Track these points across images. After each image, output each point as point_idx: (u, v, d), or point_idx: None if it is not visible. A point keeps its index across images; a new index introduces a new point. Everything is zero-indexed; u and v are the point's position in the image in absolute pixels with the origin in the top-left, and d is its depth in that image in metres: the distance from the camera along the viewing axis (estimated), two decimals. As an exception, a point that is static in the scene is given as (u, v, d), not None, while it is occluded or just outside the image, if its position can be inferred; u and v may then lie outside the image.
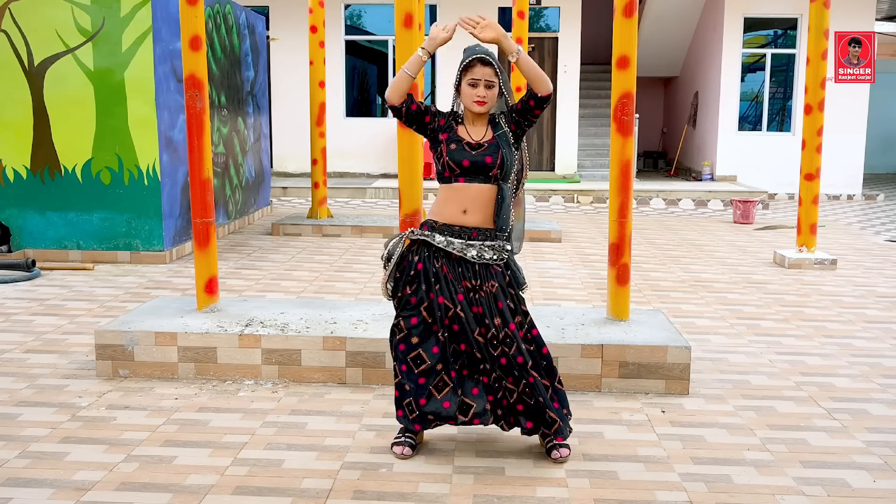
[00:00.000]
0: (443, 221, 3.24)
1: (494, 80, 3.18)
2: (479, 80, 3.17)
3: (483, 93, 3.18)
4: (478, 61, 3.18)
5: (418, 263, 3.23)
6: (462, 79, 3.21)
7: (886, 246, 9.01)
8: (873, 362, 4.69)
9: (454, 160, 3.19)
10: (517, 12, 7.44)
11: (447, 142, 3.22)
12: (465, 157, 3.18)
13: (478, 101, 3.19)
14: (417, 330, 3.22)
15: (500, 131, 3.24)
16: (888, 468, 3.26)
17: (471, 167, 3.18)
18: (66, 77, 7.01)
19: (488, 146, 3.19)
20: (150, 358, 4.26)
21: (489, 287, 3.21)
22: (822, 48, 7.25)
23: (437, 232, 3.24)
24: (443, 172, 3.24)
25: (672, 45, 16.15)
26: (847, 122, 13.88)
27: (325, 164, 9.54)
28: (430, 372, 3.23)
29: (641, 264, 7.54)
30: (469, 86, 3.19)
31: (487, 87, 3.18)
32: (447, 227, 3.23)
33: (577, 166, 14.66)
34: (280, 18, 14.25)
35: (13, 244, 7.24)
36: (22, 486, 3.02)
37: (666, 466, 3.25)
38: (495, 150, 3.19)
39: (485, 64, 3.17)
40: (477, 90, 3.18)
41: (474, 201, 3.21)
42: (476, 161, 3.18)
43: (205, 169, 4.68)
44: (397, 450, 3.32)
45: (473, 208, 3.21)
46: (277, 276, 6.87)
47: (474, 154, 3.18)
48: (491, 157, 3.18)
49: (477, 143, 3.20)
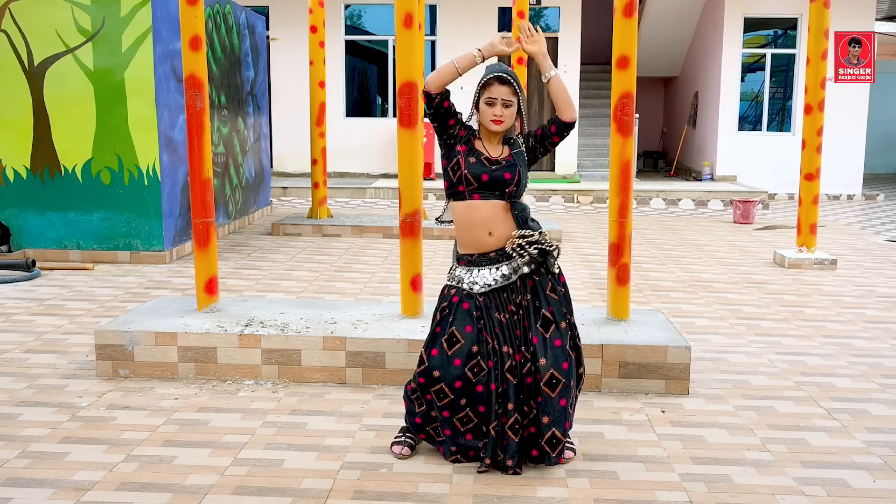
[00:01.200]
0: (477, 252, 3.21)
1: (512, 99, 3.16)
2: (496, 100, 3.15)
3: (500, 112, 3.15)
4: (496, 80, 3.14)
5: (464, 303, 3.19)
6: (480, 96, 3.19)
7: (886, 246, 9.01)
8: (873, 362, 4.69)
9: (473, 174, 3.16)
10: (517, 12, 7.43)
11: (466, 154, 3.19)
12: (484, 172, 3.16)
13: (495, 120, 3.16)
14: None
15: (516, 150, 3.24)
16: (888, 468, 3.26)
17: (489, 182, 3.16)
18: (66, 77, 7.01)
19: (506, 163, 3.19)
20: (150, 358, 4.26)
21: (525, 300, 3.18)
22: (822, 48, 7.25)
23: (475, 266, 3.20)
24: (457, 186, 3.21)
25: (672, 45, 16.15)
26: (847, 122, 13.89)
27: (325, 164, 9.54)
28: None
29: (641, 264, 7.54)
30: (486, 104, 3.17)
31: (505, 107, 3.15)
32: (483, 256, 3.20)
33: (577, 166, 14.66)
34: (280, 18, 14.25)
35: (13, 244, 7.25)
36: (22, 486, 3.02)
37: (666, 466, 3.25)
38: (513, 167, 3.18)
39: (503, 83, 3.14)
40: (494, 109, 3.15)
41: (495, 221, 3.18)
42: (495, 176, 3.16)
43: (205, 169, 4.68)
44: (396, 449, 3.32)
45: (496, 228, 3.18)
46: (277, 276, 6.87)
47: (493, 169, 3.17)
48: (509, 173, 3.17)
49: (496, 160, 3.19)
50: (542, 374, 3.10)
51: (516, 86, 3.15)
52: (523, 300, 3.18)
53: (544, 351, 3.12)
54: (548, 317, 3.16)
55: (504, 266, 3.19)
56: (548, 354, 3.12)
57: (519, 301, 3.18)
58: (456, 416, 3.18)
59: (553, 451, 3.15)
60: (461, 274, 3.24)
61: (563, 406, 3.14)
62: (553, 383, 3.11)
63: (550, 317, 3.16)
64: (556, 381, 3.11)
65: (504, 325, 3.15)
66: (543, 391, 3.11)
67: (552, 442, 3.14)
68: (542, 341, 3.13)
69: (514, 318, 3.17)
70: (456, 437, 3.21)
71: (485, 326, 3.14)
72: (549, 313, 3.16)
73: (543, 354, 3.12)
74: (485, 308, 3.16)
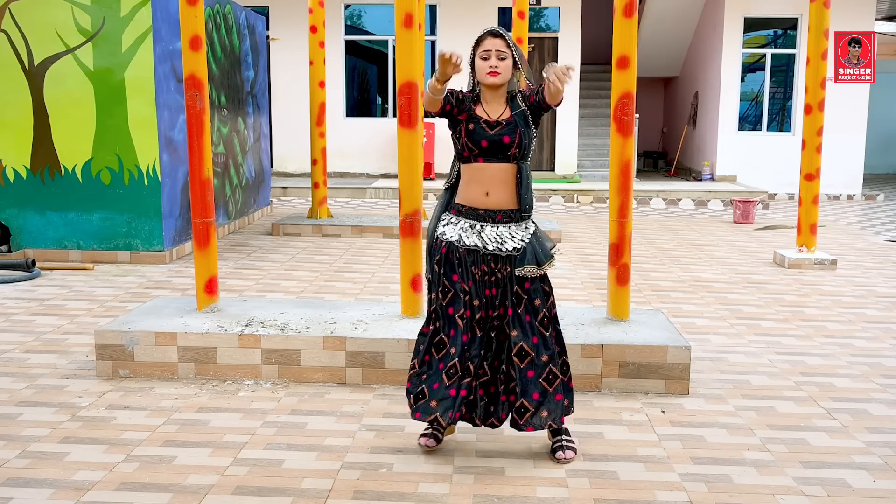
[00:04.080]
0: (468, 205, 3.25)
1: (506, 50, 3.18)
2: (490, 52, 3.18)
3: (495, 63, 3.17)
4: (489, 34, 3.20)
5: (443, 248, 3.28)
6: (476, 53, 3.22)
7: (886, 246, 9.01)
8: (873, 362, 4.69)
9: (472, 140, 3.18)
10: (517, 12, 7.43)
11: (466, 122, 3.21)
12: (483, 138, 3.18)
13: (491, 72, 3.17)
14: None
15: (517, 109, 3.24)
16: (888, 468, 3.26)
17: (489, 147, 3.18)
18: (66, 77, 7.01)
19: (506, 125, 3.19)
20: (150, 358, 4.26)
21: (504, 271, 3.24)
22: (822, 48, 7.25)
23: (462, 217, 3.26)
24: (462, 152, 3.25)
25: (672, 45, 16.15)
26: (847, 122, 13.89)
27: (325, 164, 9.54)
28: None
29: (641, 264, 7.54)
30: (482, 59, 3.20)
31: (500, 59, 3.18)
32: (472, 210, 3.24)
33: (577, 166, 14.66)
34: (280, 18, 14.25)
35: (13, 244, 7.25)
36: (22, 486, 3.02)
37: (666, 466, 3.25)
38: (513, 130, 3.18)
39: (495, 36, 3.19)
40: (489, 62, 3.18)
41: (495, 182, 3.20)
42: (494, 141, 3.17)
43: (205, 169, 4.68)
44: (423, 441, 3.37)
45: (495, 190, 3.21)
46: (277, 276, 6.87)
47: (492, 133, 3.18)
48: (509, 136, 3.17)
49: (495, 122, 3.19)
50: (513, 345, 3.20)
51: (509, 40, 3.19)
52: (502, 269, 3.23)
53: (516, 323, 3.21)
54: (520, 293, 3.22)
55: (487, 227, 3.22)
56: (518, 327, 3.20)
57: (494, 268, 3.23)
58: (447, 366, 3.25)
59: (521, 419, 3.22)
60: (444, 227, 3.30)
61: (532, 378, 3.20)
62: (522, 355, 3.20)
63: (523, 293, 3.22)
64: (524, 354, 3.20)
65: (476, 280, 3.23)
66: (514, 360, 3.21)
67: (520, 410, 3.22)
68: (515, 314, 3.21)
69: (488, 277, 3.23)
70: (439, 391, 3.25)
71: (462, 277, 3.23)
72: (521, 290, 3.22)
73: (515, 327, 3.20)
74: (464, 260, 3.24)
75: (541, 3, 14.31)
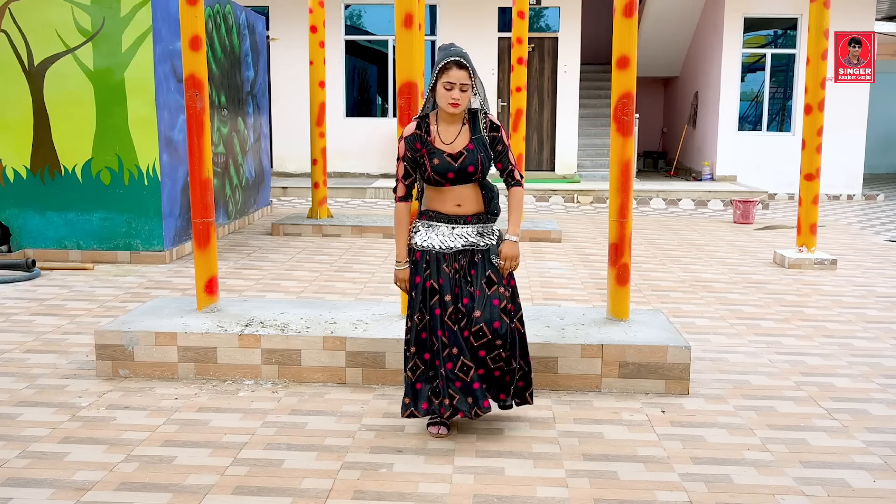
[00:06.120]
0: (440, 211, 3.43)
1: (468, 82, 3.32)
2: (454, 84, 3.31)
3: (458, 95, 3.33)
4: (454, 64, 3.31)
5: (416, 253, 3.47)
6: (438, 80, 3.34)
7: (886, 246, 9.01)
8: (873, 362, 4.69)
9: (439, 173, 3.38)
10: (517, 12, 7.44)
11: (429, 156, 3.38)
12: (449, 170, 3.37)
13: (452, 104, 3.34)
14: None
15: (476, 135, 3.42)
16: (888, 468, 3.26)
17: (455, 177, 3.38)
18: (66, 77, 7.01)
19: (468, 154, 3.38)
20: (150, 358, 4.26)
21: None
22: (822, 48, 7.25)
23: (434, 220, 3.43)
24: (429, 181, 3.43)
25: (672, 45, 16.15)
26: (847, 122, 13.88)
27: (325, 164, 9.53)
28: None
29: (641, 264, 7.54)
30: (445, 89, 3.33)
31: (462, 91, 3.32)
32: (444, 215, 3.43)
33: (577, 166, 14.65)
34: (280, 18, 14.25)
35: (13, 244, 7.25)
36: (22, 486, 3.02)
37: (666, 466, 3.25)
38: (474, 158, 3.39)
39: (460, 67, 3.31)
40: (452, 93, 3.33)
41: (464, 198, 3.43)
42: (460, 171, 3.37)
43: (205, 169, 4.68)
44: (433, 430, 3.48)
45: (466, 203, 3.44)
46: (277, 276, 6.87)
47: (457, 165, 3.37)
48: (472, 165, 3.39)
49: (458, 153, 3.37)
50: (473, 326, 3.32)
51: (471, 70, 3.33)
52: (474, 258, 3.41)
53: (481, 305, 3.34)
54: (492, 279, 3.38)
55: (458, 228, 3.41)
56: (483, 309, 3.33)
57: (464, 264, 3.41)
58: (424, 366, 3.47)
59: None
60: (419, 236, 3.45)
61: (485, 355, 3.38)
62: (479, 335, 3.32)
63: (494, 279, 3.38)
64: (481, 334, 3.32)
65: (449, 277, 3.38)
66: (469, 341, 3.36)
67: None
68: (483, 295, 3.35)
69: (457, 276, 3.40)
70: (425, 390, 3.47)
71: (431, 276, 3.39)
72: (493, 276, 3.39)
73: (479, 308, 3.33)
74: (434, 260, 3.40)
75: (541, 3, 14.30)
